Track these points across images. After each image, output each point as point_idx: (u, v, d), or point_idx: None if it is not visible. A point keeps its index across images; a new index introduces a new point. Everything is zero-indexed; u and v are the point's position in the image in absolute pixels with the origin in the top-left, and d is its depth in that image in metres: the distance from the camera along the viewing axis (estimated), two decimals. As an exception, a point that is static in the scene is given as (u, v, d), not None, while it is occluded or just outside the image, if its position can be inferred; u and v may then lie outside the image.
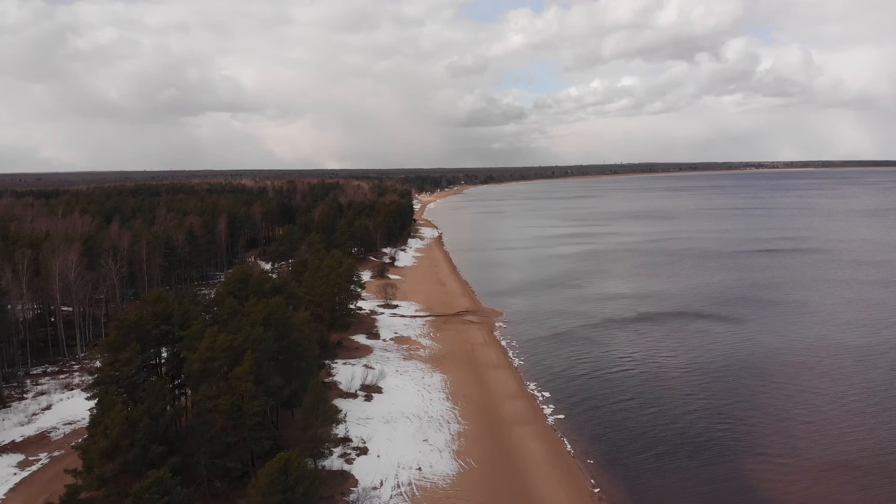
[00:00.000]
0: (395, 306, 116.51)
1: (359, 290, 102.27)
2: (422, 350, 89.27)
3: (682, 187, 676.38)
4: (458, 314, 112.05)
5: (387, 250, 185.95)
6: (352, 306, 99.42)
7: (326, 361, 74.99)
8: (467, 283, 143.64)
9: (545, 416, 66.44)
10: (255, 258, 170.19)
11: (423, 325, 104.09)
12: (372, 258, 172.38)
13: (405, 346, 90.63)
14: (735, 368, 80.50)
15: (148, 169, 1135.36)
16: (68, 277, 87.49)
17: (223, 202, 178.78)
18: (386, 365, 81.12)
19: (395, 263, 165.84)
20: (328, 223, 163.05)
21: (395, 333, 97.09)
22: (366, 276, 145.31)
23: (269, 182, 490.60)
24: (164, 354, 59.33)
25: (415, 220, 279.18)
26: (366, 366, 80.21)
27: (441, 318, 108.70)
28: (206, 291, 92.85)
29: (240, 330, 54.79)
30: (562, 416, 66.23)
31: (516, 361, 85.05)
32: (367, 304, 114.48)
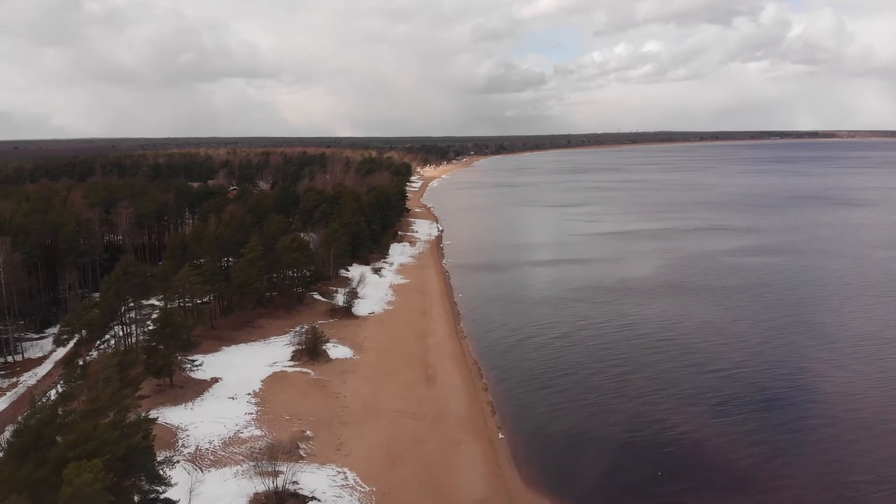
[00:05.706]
0: (310, 501, 45.42)
1: None
2: None
3: (762, 157, 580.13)
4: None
5: (350, 273, 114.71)
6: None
7: None
8: (481, 374, 72.33)
9: None
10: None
11: None
12: (317, 296, 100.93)
13: None
14: None
15: (163, 136, 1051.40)
16: None
17: (79, 200, 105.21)
18: None
19: (354, 309, 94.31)
20: (230, 238, 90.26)
21: None
22: (283, 353, 74.27)
23: (242, 152, 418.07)
24: None
25: (408, 210, 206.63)
26: None
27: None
28: None
29: None
30: None
31: None
32: (238, 488, 44.39)
